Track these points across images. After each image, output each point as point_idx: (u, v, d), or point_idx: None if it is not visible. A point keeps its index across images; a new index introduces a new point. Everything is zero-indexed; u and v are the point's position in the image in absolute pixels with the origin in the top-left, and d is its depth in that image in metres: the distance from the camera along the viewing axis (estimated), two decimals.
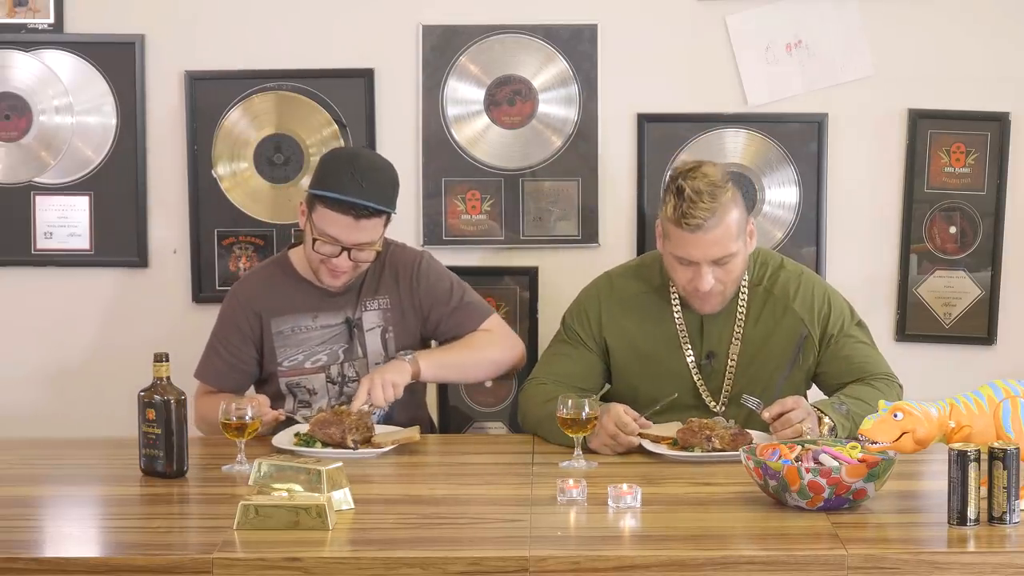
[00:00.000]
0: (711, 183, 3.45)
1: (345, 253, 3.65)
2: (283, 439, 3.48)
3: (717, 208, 3.44)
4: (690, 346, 3.64)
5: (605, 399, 3.61)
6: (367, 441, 3.42)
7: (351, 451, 3.37)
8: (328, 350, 3.77)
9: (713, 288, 3.53)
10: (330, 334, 3.77)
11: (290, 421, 3.66)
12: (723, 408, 3.63)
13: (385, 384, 3.57)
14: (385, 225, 3.71)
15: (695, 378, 3.64)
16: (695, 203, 3.42)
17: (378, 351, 3.78)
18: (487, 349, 3.80)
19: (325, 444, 3.41)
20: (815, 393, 3.76)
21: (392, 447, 3.41)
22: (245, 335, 3.77)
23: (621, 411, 3.41)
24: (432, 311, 3.80)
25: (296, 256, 3.83)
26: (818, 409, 3.41)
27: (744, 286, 3.66)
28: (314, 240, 3.65)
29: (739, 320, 3.64)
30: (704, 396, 3.64)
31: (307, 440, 3.45)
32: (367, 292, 3.78)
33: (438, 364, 3.72)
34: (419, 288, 3.80)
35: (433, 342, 3.90)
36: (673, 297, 3.66)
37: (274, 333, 3.76)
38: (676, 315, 3.65)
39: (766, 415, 3.37)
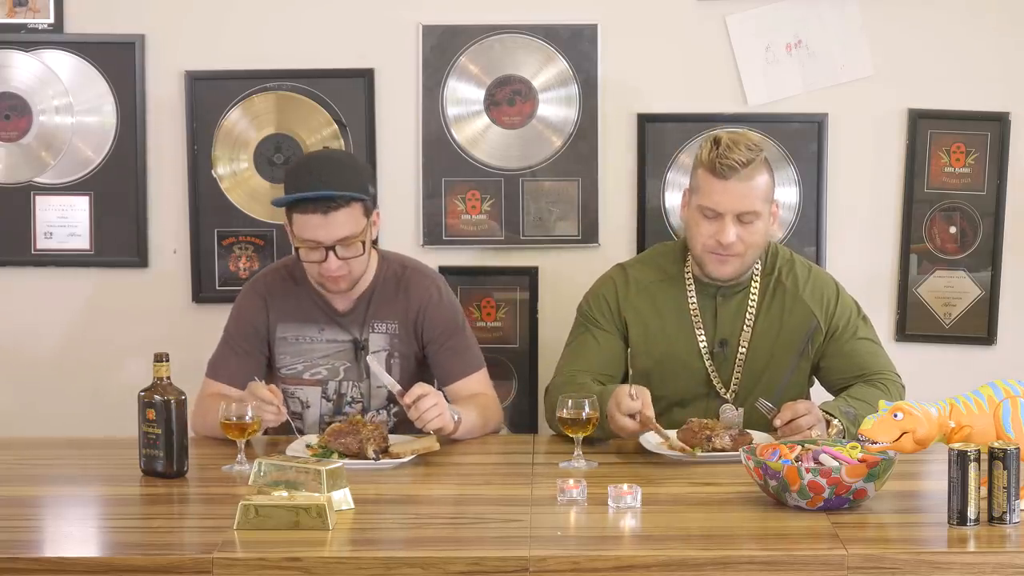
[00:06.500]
0: (749, 139, 3.60)
1: (331, 254, 3.56)
2: (296, 450, 3.39)
3: (752, 160, 3.56)
4: (703, 332, 3.65)
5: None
6: (385, 451, 3.35)
7: (372, 462, 3.30)
8: (329, 365, 3.73)
9: (733, 247, 3.56)
10: (334, 349, 3.72)
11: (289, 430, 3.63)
12: (732, 396, 3.65)
13: (437, 414, 3.44)
14: (367, 216, 3.61)
15: (707, 364, 3.66)
16: (732, 149, 3.55)
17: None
18: (491, 423, 3.70)
19: (342, 455, 3.31)
20: (817, 388, 3.76)
21: (412, 456, 3.34)
22: (259, 332, 3.72)
23: (620, 393, 3.39)
24: (427, 345, 3.74)
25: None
26: (826, 412, 3.42)
27: (756, 275, 3.69)
28: (298, 250, 3.59)
29: (751, 307, 3.67)
30: (715, 383, 3.66)
31: (323, 451, 3.35)
32: (375, 313, 3.72)
33: (464, 430, 3.58)
34: (424, 319, 3.72)
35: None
36: (688, 283, 3.69)
37: (277, 338, 3.73)
38: (691, 301, 3.67)
39: (777, 421, 3.38)
